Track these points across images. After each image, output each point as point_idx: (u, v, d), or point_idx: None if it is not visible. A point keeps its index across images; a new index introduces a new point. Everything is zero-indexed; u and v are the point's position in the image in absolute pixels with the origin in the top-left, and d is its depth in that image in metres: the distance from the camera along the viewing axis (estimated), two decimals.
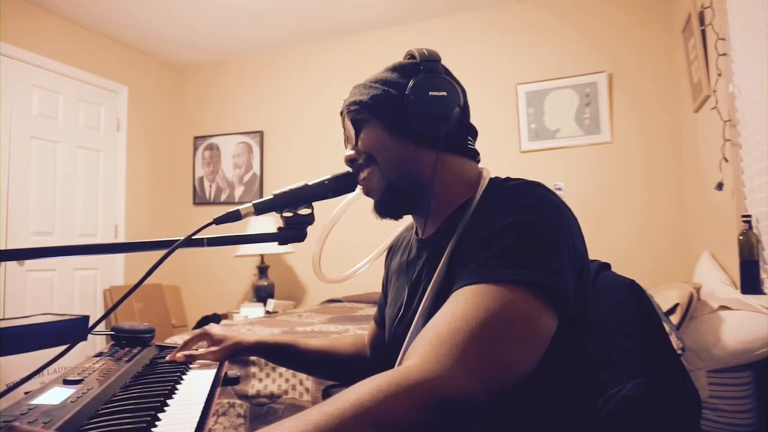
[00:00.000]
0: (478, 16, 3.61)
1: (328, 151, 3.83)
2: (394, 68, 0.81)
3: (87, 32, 3.72)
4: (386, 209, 0.82)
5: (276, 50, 4.20)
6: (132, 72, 4.07)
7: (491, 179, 0.78)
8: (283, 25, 3.77)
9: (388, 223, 0.85)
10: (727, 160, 2.05)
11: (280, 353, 1.05)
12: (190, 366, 0.96)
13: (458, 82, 0.81)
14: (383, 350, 0.95)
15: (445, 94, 0.75)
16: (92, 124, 3.76)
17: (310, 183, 0.80)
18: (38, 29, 3.37)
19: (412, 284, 0.83)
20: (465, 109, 0.80)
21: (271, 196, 0.78)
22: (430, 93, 0.74)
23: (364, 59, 3.92)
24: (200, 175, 4.43)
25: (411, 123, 0.75)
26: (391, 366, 1.05)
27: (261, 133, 4.22)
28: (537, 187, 0.70)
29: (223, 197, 4.33)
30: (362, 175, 0.81)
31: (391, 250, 1.00)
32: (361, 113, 0.80)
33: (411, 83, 0.76)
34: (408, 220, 0.90)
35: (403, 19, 3.73)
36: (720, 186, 2.08)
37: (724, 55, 2.05)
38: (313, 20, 3.71)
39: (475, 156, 0.82)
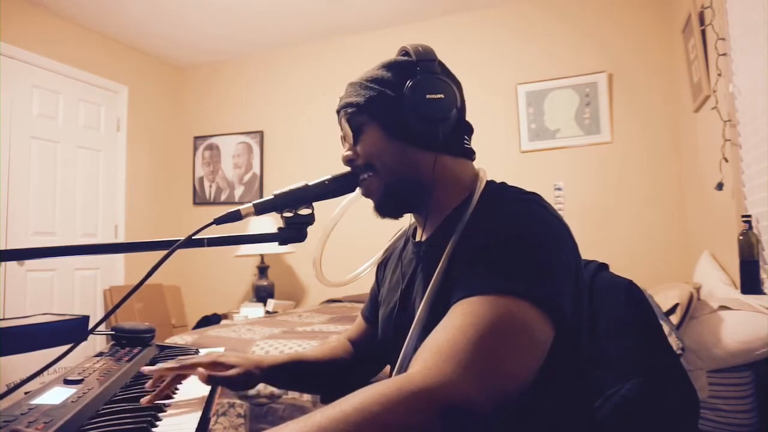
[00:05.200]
0: (478, 16, 3.61)
1: (328, 151, 3.83)
2: (389, 66, 0.80)
3: (87, 32, 3.72)
4: (386, 210, 0.82)
5: (276, 50, 4.20)
6: (132, 72, 4.07)
7: (488, 182, 0.79)
8: (283, 25, 3.77)
9: (389, 224, 0.86)
10: (727, 160, 2.05)
11: (287, 372, 0.94)
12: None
13: (454, 79, 0.81)
14: (373, 346, 0.95)
15: (442, 96, 0.74)
16: (92, 124, 3.76)
17: (310, 183, 0.80)
18: (38, 29, 3.37)
19: (407, 283, 0.83)
20: (461, 108, 0.79)
21: (272, 196, 0.77)
22: (427, 96, 0.74)
23: (364, 59, 3.89)
24: (200, 175, 4.43)
25: (409, 126, 0.75)
26: (383, 363, 1.04)
27: (261, 133, 4.22)
28: (533, 202, 0.71)
29: (223, 197, 4.33)
30: (362, 176, 0.81)
31: (383, 261, 0.99)
32: (358, 115, 0.79)
33: (408, 84, 0.75)
34: (397, 226, 0.90)
35: (403, 19, 3.73)
36: (720, 186, 2.08)
37: (724, 55, 2.05)
38: (313, 20, 3.71)
39: (471, 155, 0.82)
